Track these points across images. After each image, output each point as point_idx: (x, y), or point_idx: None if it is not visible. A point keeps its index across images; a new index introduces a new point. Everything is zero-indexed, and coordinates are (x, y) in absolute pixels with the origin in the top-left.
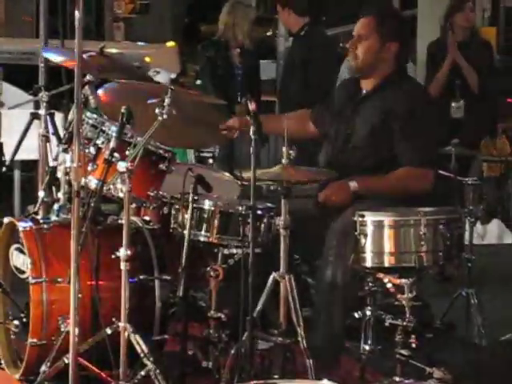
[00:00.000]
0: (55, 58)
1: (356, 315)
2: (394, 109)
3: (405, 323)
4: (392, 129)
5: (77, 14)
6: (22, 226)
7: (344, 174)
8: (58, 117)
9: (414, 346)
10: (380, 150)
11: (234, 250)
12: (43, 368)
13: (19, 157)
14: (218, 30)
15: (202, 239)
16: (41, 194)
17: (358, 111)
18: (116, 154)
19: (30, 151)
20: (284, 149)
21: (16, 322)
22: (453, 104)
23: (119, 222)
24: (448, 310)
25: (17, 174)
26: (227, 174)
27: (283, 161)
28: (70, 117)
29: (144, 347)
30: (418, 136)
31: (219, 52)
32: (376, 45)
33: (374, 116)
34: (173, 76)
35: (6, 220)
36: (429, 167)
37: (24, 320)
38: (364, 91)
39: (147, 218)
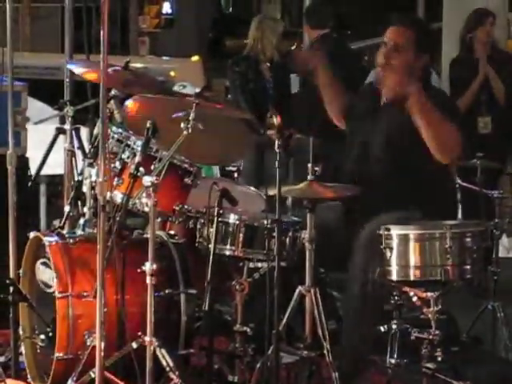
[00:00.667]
0: (79, 69)
1: (382, 329)
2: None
3: (431, 336)
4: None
5: (102, 28)
6: (47, 240)
7: (364, 181)
8: (84, 131)
9: (439, 359)
10: (398, 158)
11: (260, 264)
12: (69, 382)
13: (45, 171)
14: (248, 45)
15: (227, 253)
16: (66, 208)
17: (377, 122)
18: (141, 169)
19: (55, 166)
20: (309, 165)
21: (42, 337)
22: (479, 119)
23: (145, 236)
24: (474, 324)
25: (43, 188)
26: (252, 188)
27: (309, 177)
28: (95, 131)
29: (170, 361)
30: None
31: (250, 67)
32: (412, 57)
33: (391, 128)
34: (198, 90)
35: (32, 234)
36: (463, 139)
37: (50, 334)
38: (385, 99)
39: (172, 232)
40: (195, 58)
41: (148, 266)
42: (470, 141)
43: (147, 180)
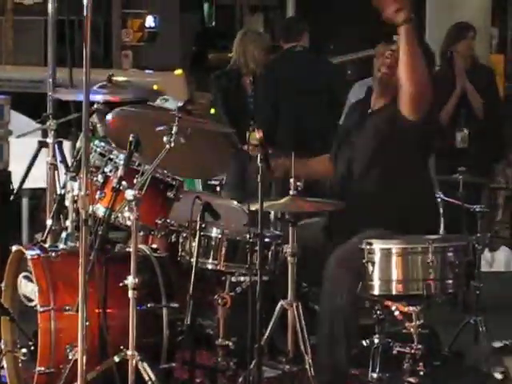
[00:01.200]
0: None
1: (364, 343)
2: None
3: (413, 351)
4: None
5: (84, 42)
6: (30, 254)
7: (348, 197)
8: (66, 145)
9: (422, 373)
10: (382, 172)
11: (242, 278)
12: None
13: (27, 185)
14: (232, 59)
15: (209, 267)
16: (49, 222)
17: (362, 126)
18: (124, 182)
19: (38, 179)
20: (291, 180)
21: (24, 351)
22: (457, 134)
23: (127, 250)
24: (456, 338)
25: (25, 202)
26: (235, 202)
27: (291, 192)
28: (77, 145)
29: (152, 375)
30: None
31: (231, 81)
32: None
33: (376, 129)
34: (180, 104)
35: (14, 248)
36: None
37: (32, 348)
38: (374, 106)
39: (155, 245)
40: (178, 71)
41: (130, 280)
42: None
43: (130, 194)
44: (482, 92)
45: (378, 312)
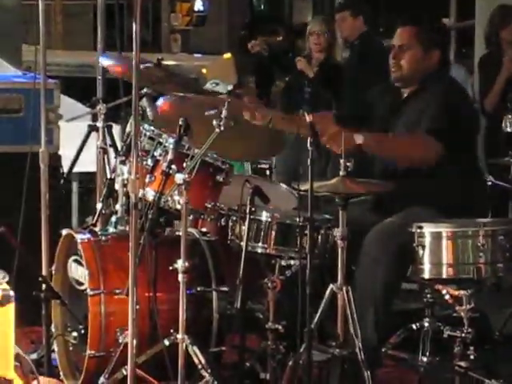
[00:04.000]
0: (108, 62)
1: (414, 326)
2: (429, 103)
3: (463, 335)
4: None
5: (134, 26)
6: (80, 237)
7: (391, 177)
8: (116, 129)
9: (472, 357)
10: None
11: (292, 262)
12: (101, 380)
13: (77, 169)
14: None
15: (259, 251)
16: (98, 206)
17: (399, 115)
18: (173, 166)
19: (87, 163)
20: (342, 161)
21: (74, 334)
22: (505, 118)
23: (177, 233)
24: (507, 322)
25: (75, 186)
26: (284, 185)
27: (341, 173)
28: (127, 129)
29: (202, 359)
30: (442, 113)
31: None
32: (419, 54)
33: (412, 117)
34: (230, 87)
35: (64, 232)
36: (440, 140)
37: (82, 332)
38: (405, 94)
39: (204, 229)
40: (227, 55)
41: (180, 264)
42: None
43: (179, 177)
44: None
45: (428, 295)
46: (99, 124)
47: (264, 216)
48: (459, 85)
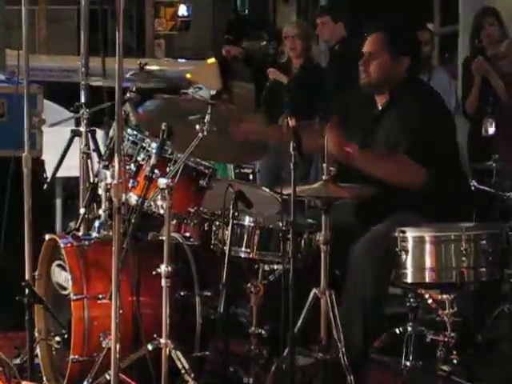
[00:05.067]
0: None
1: (397, 331)
2: (407, 113)
3: (446, 339)
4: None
5: (117, 31)
6: (63, 242)
7: (368, 183)
8: (99, 134)
9: (455, 361)
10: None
11: (275, 266)
12: None
13: (60, 174)
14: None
15: (242, 255)
16: (82, 210)
17: (377, 126)
18: (156, 171)
19: (71, 168)
20: (324, 165)
21: (58, 339)
22: (484, 121)
23: (160, 238)
24: (490, 327)
25: (58, 190)
26: (267, 189)
27: (323, 177)
28: (110, 134)
29: (185, 363)
30: (422, 132)
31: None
32: (388, 61)
33: (389, 136)
34: (213, 92)
35: (47, 237)
36: (424, 165)
37: (66, 336)
38: (380, 106)
39: (188, 234)
40: (211, 60)
41: (163, 268)
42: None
43: (162, 182)
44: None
45: (412, 300)
46: (82, 129)
47: (247, 220)
48: (431, 93)
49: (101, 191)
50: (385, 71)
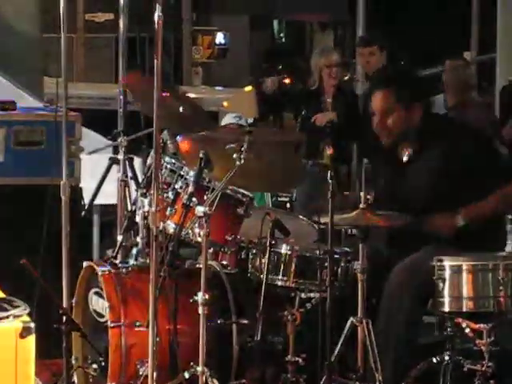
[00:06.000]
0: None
1: (434, 360)
2: (450, 153)
3: (484, 368)
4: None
5: (155, 59)
6: (100, 270)
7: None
8: (137, 161)
9: None
10: (441, 193)
11: (312, 294)
12: None
13: (98, 201)
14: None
15: (279, 283)
16: (119, 238)
17: (403, 176)
18: (194, 199)
19: (108, 196)
20: (362, 193)
21: (95, 366)
22: None
23: (197, 266)
24: None
25: (96, 218)
26: (304, 218)
27: (361, 205)
28: (148, 161)
29: None
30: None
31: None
32: (403, 113)
33: (427, 169)
34: (250, 121)
35: (85, 264)
36: None
37: (103, 364)
38: (404, 157)
39: (225, 262)
40: (248, 88)
41: (200, 296)
42: None
43: (200, 210)
44: None
45: (449, 329)
46: (120, 156)
47: (284, 249)
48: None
49: (138, 219)
50: (402, 123)
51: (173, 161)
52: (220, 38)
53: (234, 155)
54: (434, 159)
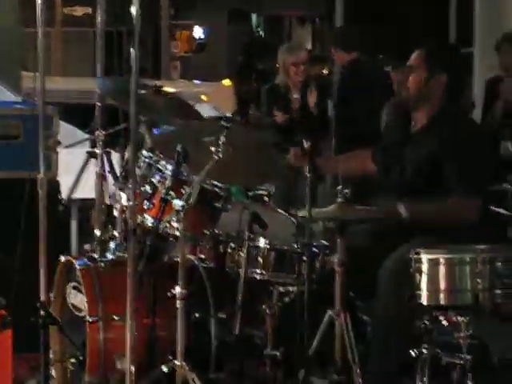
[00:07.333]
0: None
1: (412, 353)
2: (445, 145)
3: (461, 361)
4: (442, 163)
5: (132, 52)
6: (78, 264)
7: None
8: (115, 155)
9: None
10: (431, 183)
11: (290, 288)
12: None
13: (76, 195)
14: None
15: (257, 277)
16: (97, 232)
17: (410, 147)
18: (172, 193)
19: (86, 190)
20: (339, 187)
21: (73, 360)
22: (502, 144)
23: (175, 260)
24: (505, 349)
25: (74, 212)
26: (282, 211)
27: (338, 199)
28: (126, 156)
29: None
30: (468, 169)
31: (280, 95)
32: (424, 76)
33: (425, 153)
34: (228, 114)
35: (63, 258)
36: (476, 199)
37: (80, 358)
38: (414, 127)
39: (203, 256)
40: (226, 81)
41: (178, 290)
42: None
43: (178, 204)
44: None
45: (427, 322)
46: (98, 150)
47: (262, 243)
48: (471, 122)
49: (116, 213)
50: (420, 86)
51: (150, 154)
52: (198, 32)
53: (212, 148)
54: (433, 145)
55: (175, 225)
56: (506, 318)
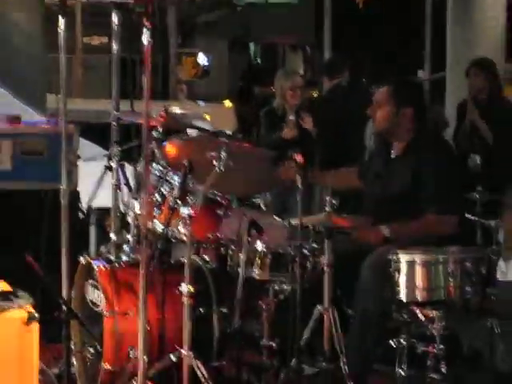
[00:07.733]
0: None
1: (392, 343)
2: (420, 170)
3: (435, 350)
4: (420, 186)
5: (144, 78)
6: (96, 264)
7: (381, 219)
8: (128, 168)
9: (443, 370)
10: (411, 203)
11: (284, 286)
12: None
13: (94, 204)
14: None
15: (255, 276)
16: (113, 236)
17: (390, 171)
18: (179, 201)
19: (103, 199)
20: (328, 198)
21: (91, 350)
22: (470, 158)
23: (182, 261)
24: (474, 339)
25: (92, 219)
26: (277, 217)
27: (327, 209)
28: (139, 168)
29: (204, 371)
30: (444, 188)
31: (277, 117)
32: (391, 111)
33: (405, 176)
34: (229, 132)
35: (82, 260)
36: (452, 213)
37: (98, 348)
38: (393, 154)
39: (206, 257)
40: (228, 103)
41: (184, 288)
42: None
43: (184, 211)
44: (498, 121)
45: (405, 315)
46: (113, 164)
47: (259, 246)
48: (445, 145)
49: (130, 219)
50: (388, 120)
51: (160, 167)
52: (202, 59)
53: (215, 162)
54: (408, 170)
55: (182, 230)
56: (474, 312)
